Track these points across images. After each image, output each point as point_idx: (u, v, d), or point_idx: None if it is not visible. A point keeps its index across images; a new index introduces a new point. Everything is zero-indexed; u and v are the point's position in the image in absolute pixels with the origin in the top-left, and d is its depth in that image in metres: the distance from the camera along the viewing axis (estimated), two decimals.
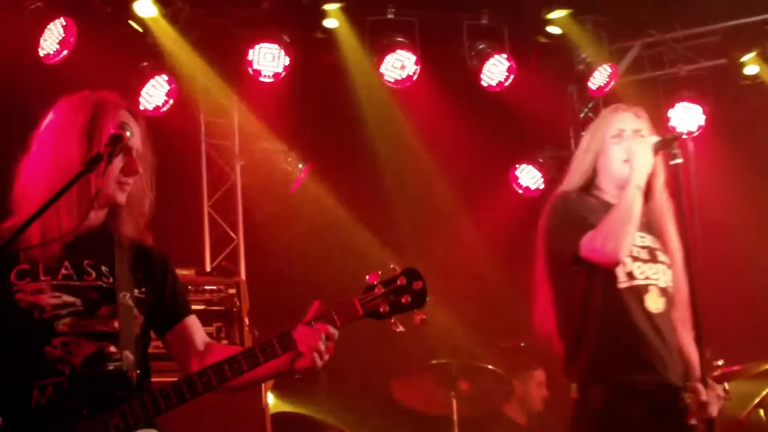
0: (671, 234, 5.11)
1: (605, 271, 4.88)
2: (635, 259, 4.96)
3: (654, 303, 4.97)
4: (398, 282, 3.76)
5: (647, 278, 4.98)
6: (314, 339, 3.64)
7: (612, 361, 4.88)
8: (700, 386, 4.83)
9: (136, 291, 3.90)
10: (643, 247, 5.03)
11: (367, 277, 3.78)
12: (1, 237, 3.72)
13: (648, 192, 5.07)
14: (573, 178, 5.24)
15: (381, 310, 3.73)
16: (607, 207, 4.99)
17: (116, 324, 3.78)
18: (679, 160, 4.89)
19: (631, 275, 4.93)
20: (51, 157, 3.87)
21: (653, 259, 5.05)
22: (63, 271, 3.80)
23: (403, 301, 3.73)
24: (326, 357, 3.68)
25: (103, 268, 3.87)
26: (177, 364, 4.09)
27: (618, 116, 5.22)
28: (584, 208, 5.02)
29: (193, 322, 4.11)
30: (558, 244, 5.01)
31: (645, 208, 5.06)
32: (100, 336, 3.76)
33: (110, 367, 3.74)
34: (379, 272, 3.80)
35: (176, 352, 4.07)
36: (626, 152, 5.02)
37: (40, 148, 3.93)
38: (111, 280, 3.85)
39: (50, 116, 3.99)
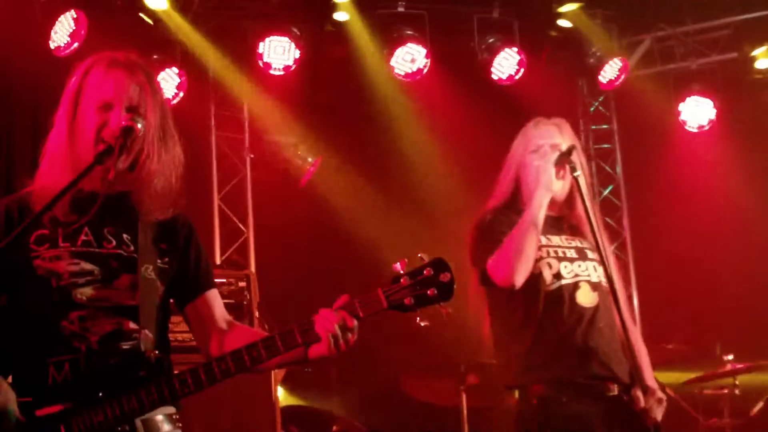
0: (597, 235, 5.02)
1: (530, 278, 4.86)
2: (561, 259, 4.96)
3: (586, 297, 4.94)
4: (425, 273, 3.59)
5: (576, 276, 4.96)
6: (332, 322, 3.54)
7: (546, 361, 4.85)
8: (639, 393, 4.76)
9: (159, 261, 3.85)
10: (570, 248, 5.04)
11: (394, 265, 3.61)
12: (24, 201, 3.78)
13: (570, 201, 5.13)
14: (496, 195, 5.28)
15: (406, 302, 3.57)
16: None
17: (136, 297, 3.73)
18: (578, 172, 4.90)
19: (558, 276, 4.93)
20: (56, 121, 3.87)
21: (582, 257, 5.04)
22: (83, 237, 3.75)
23: (429, 293, 3.57)
24: (342, 346, 3.57)
25: (125, 236, 3.81)
26: (195, 339, 4.03)
27: (537, 131, 5.21)
28: (501, 225, 5.01)
29: (214, 296, 4.03)
30: (473, 261, 5.04)
31: (570, 215, 5.14)
32: (119, 310, 3.72)
33: (127, 346, 3.70)
34: (406, 260, 3.63)
35: (195, 325, 4.00)
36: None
37: (58, 114, 3.90)
38: (132, 248, 3.79)
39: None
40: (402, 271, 3.62)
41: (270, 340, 3.61)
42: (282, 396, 8.22)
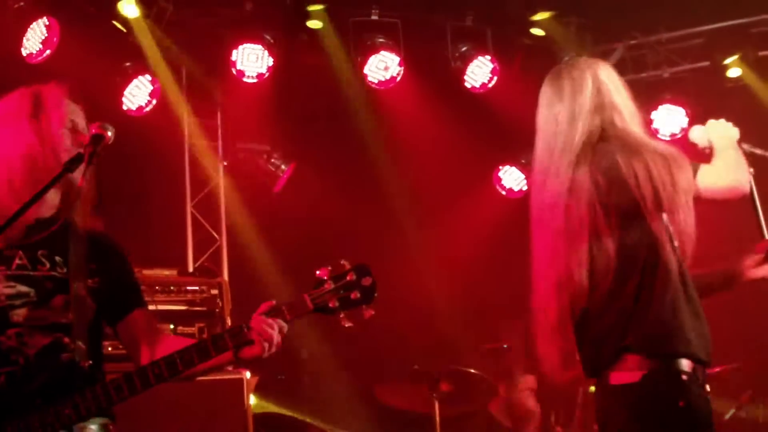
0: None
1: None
2: None
3: None
4: (348, 278, 3.83)
5: None
6: (268, 329, 3.74)
7: (698, 341, 4.57)
8: None
9: (90, 281, 3.96)
10: None
11: (317, 271, 3.84)
12: None
13: None
14: None
15: (330, 305, 3.79)
16: None
17: (70, 315, 3.84)
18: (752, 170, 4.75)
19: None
20: (5, 148, 3.94)
21: None
22: (17, 261, 3.87)
23: (352, 296, 3.80)
24: (274, 350, 3.76)
25: (57, 258, 3.92)
26: (128, 354, 4.15)
27: None
28: None
29: (143, 313, 4.14)
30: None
31: None
32: (54, 328, 3.82)
33: (62, 358, 3.80)
34: (330, 267, 3.86)
35: (126, 342, 4.13)
36: None
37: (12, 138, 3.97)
38: (65, 270, 3.91)
39: None
40: (326, 277, 3.83)
41: (202, 344, 3.77)
42: (254, 403, 8.20)
